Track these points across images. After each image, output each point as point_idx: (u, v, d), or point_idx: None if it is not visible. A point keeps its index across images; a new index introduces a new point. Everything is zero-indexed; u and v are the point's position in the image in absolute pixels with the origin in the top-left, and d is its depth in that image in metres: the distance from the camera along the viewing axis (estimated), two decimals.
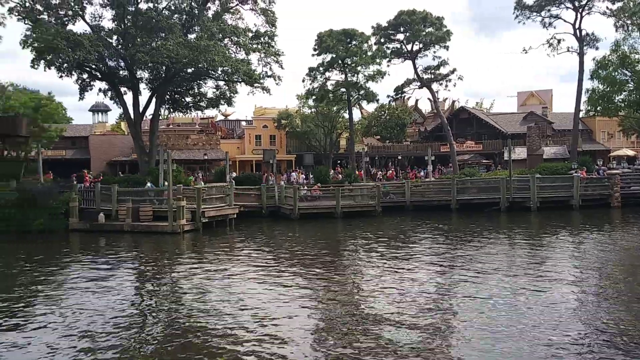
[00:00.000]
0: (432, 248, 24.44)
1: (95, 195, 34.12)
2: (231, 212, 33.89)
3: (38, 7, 39.13)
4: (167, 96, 45.14)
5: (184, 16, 42.42)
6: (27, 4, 38.85)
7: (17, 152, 37.67)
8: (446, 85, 53.49)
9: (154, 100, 43.73)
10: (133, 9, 40.28)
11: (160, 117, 48.01)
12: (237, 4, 44.50)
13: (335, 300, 15.38)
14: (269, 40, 45.01)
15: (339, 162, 62.86)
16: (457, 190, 39.92)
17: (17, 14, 38.36)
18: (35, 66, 37.29)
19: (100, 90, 43.99)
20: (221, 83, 44.95)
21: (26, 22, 38.48)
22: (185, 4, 41.97)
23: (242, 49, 43.92)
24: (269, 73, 44.38)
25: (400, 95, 56.74)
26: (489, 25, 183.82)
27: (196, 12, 42.10)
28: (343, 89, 51.12)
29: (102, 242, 28.68)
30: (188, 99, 46.43)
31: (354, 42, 50.36)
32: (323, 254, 23.53)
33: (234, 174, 46.43)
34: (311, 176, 49.28)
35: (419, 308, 14.33)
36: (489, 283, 16.95)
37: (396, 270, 19.46)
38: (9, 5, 38.68)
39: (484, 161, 60.38)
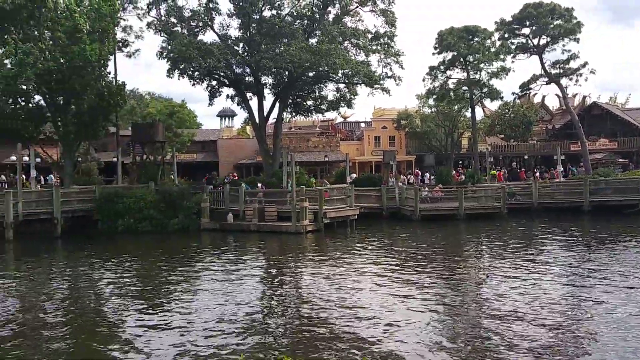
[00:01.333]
0: (561, 252, 23.17)
1: (224, 197, 35.88)
2: (352, 213, 34.25)
3: (172, 20, 41.98)
4: (290, 100, 46.51)
5: (306, 21, 43.54)
6: (163, 18, 41.78)
7: (155, 155, 40.64)
8: (577, 80, 50.29)
9: (277, 104, 45.29)
10: (257, 17, 41.97)
11: (283, 121, 49.55)
12: (356, 7, 44.95)
13: (458, 305, 15.07)
14: (389, 41, 45.01)
15: (460, 162, 61.36)
16: (590, 192, 37.50)
17: (154, 27, 41.38)
18: (170, 75, 40.01)
19: (227, 96, 46.33)
20: (341, 85, 45.60)
21: (162, 34, 41.38)
22: (306, 10, 43.05)
23: (362, 50, 44.29)
24: (389, 74, 44.43)
25: (526, 92, 54.33)
26: (623, 13, 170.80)
27: (317, 16, 43.06)
28: (465, 87, 49.84)
29: (231, 241, 30.16)
30: (309, 103, 47.53)
31: (476, 39, 48.93)
32: (444, 257, 23.13)
33: (354, 176, 46.84)
34: (432, 177, 48.54)
35: (547, 318, 13.66)
36: (629, 294, 15.77)
37: (522, 275, 18.66)
38: (147, 20, 41.95)
39: (619, 160, 56.14)
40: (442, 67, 50.21)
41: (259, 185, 38.47)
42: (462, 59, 49.00)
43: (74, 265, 23.70)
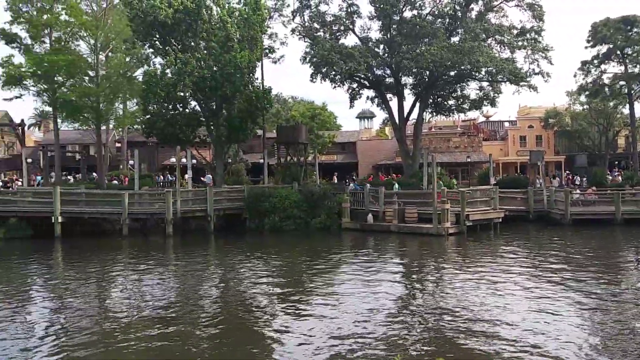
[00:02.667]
0: None
1: (364, 197, 36.29)
2: (496, 215, 33.06)
3: (315, 25, 43.25)
4: (430, 100, 45.92)
5: (447, 20, 42.76)
6: (307, 24, 43.20)
7: (298, 157, 42.13)
8: None
9: (417, 104, 44.93)
10: (398, 18, 41.94)
11: (423, 121, 49.03)
12: (501, 2, 43.33)
13: (610, 318, 13.99)
14: (536, 36, 42.85)
15: (616, 163, 56.75)
16: None
17: (298, 33, 42.93)
18: (313, 80, 41.22)
19: (367, 97, 46.82)
20: (485, 84, 44.17)
21: (305, 40, 42.80)
22: (448, 8, 42.28)
23: (506, 47, 42.62)
24: (536, 70, 42.28)
25: None
26: None
27: (459, 14, 42.11)
28: (622, 82, 46.05)
29: (371, 242, 30.43)
30: (450, 102, 46.58)
31: (635, 30, 45.06)
32: (598, 265, 21.55)
33: (497, 177, 45.15)
34: (584, 178, 45.42)
35: None
36: None
37: None
38: (292, 27, 43.63)
39: None
40: (595, 62, 46.92)
41: (395, 186, 38.36)
42: (618, 52, 45.39)
43: (225, 259, 25.31)
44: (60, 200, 33.81)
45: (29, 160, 43.60)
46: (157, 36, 37.99)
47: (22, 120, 47.05)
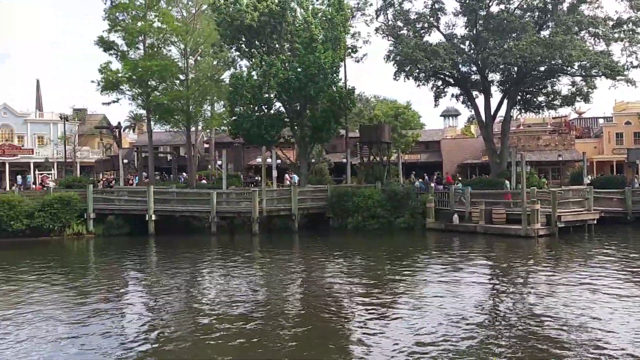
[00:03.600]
0: None
1: (449, 197, 35.61)
2: (590, 217, 31.49)
3: (399, 24, 42.87)
4: (519, 97, 44.37)
5: (537, 13, 41.17)
6: (390, 23, 42.91)
7: (381, 156, 41.94)
8: None
9: (505, 101, 43.55)
10: (485, 13, 40.81)
11: (511, 119, 47.45)
12: None
13: None
14: (634, 27, 40.36)
15: None
16: None
17: (381, 32, 42.72)
18: (397, 78, 40.89)
19: (452, 95, 45.83)
20: (577, 79, 42.13)
21: (389, 39, 42.52)
22: (538, 1, 40.68)
23: (601, 40, 40.43)
24: (635, 63, 39.85)
25: None
26: None
27: (549, 7, 40.42)
28: None
29: (456, 242, 29.81)
30: (540, 99, 44.76)
31: None
32: None
33: (591, 177, 42.95)
34: None
35: None
36: None
37: None
38: (375, 26, 43.49)
39: None
40: None
41: (506, 184, 37.22)
42: None
43: (309, 258, 25.62)
44: (154, 199, 35.43)
45: (125, 160, 46.02)
46: (243, 39, 38.99)
47: (119, 123, 49.77)
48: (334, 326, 14.26)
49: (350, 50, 42.92)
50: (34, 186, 49.11)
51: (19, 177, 52.17)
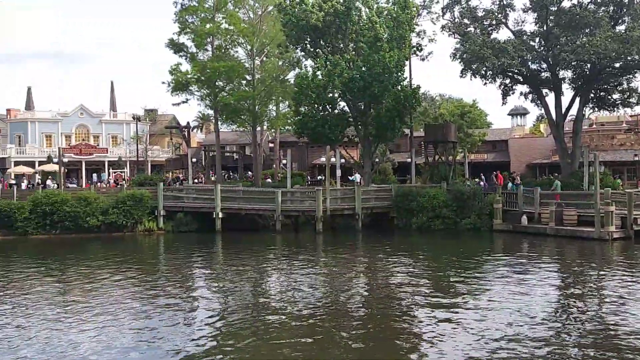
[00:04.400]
0: None
1: (517, 198, 34.70)
2: None
3: (465, 21, 42.10)
4: (591, 94, 42.70)
5: (611, 7, 39.48)
6: (457, 20, 42.22)
7: (447, 156, 41.34)
8: None
9: (577, 99, 42.02)
10: (556, 8, 39.50)
11: (584, 117, 45.71)
12: None
13: None
14: None
15: None
16: None
17: (448, 30, 42.08)
18: (463, 76, 40.18)
19: (521, 93, 44.61)
20: None
21: (455, 36, 41.84)
22: None
23: None
24: None
25: None
26: None
27: (625, 1, 38.69)
28: None
29: (525, 244, 29.04)
30: (615, 96, 42.92)
31: None
32: None
33: None
34: None
35: None
36: None
37: None
38: (441, 23, 42.88)
39: None
40: None
41: (557, 184, 36.07)
42: None
43: (372, 258, 25.60)
44: (221, 197, 36.29)
45: (194, 159, 47.35)
46: (308, 39, 39.31)
47: (188, 123, 51.22)
48: (398, 327, 14.21)
49: (415, 49, 42.46)
50: (105, 184, 51.26)
51: (94, 175, 54.60)
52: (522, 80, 42.69)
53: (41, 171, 51.68)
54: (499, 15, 42.04)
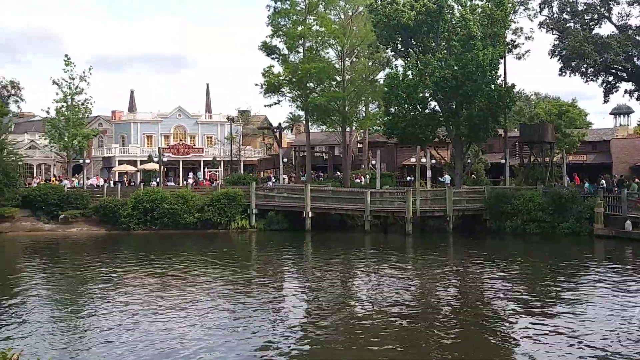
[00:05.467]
0: None
1: (621, 202, 32.77)
2: None
3: (565, 16, 40.32)
4: None
5: None
6: (555, 16, 40.50)
7: (543, 157, 39.70)
8: None
9: None
10: None
11: None
12: None
13: None
14: None
15: None
16: None
17: (545, 26, 40.46)
18: (562, 74, 38.52)
19: (625, 91, 42.17)
20: None
21: (554, 33, 40.14)
22: None
23: None
24: None
25: None
26: None
27: None
28: None
29: (628, 251, 27.38)
30: None
31: None
32: None
33: None
34: None
35: None
36: None
37: None
38: (539, 20, 41.29)
39: None
40: None
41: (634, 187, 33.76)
42: None
43: (463, 261, 25.04)
44: (311, 197, 36.79)
45: (285, 159, 48.28)
46: (399, 39, 38.99)
47: (279, 124, 52.25)
48: (490, 334, 13.83)
49: (510, 47, 41.10)
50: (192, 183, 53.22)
51: (190, 174, 56.90)
52: (626, 77, 40.35)
53: (142, 170, 54.49)
54: (602, 9, 39.97)
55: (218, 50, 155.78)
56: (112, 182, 50.19)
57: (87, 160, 52.12)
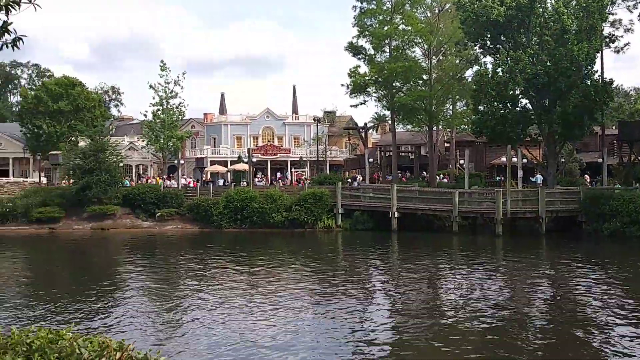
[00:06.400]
0: None
1: None
2: None
3: None
4: None
5: None
6: None
7: None
8: None
9: None
10: None
11: None
12: None
13: None
14: None
15: None
16: None
17: None
18: None
19: None
20: None
21: None
22: None
23: None
24: None
25: None
26: None
27: None
28: None
29: None
30: None
31: None
32: None
33: None
34: None
35: None
36: None
37: None
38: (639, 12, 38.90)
39: None
40: None
41: None
42: None
43: (557, 265, 24.13)
44: (396, 197, 36.65)
45: (370, 159, 48.35)
46: (488, 35, 38.02)
47: (365, 124, 52.39)
48: (584, 342, 13.28)
49: (608, 40, 39.04)
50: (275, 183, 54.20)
51: (277, 174, 58.14)
52: None
53: (232, 170, 56.28)
54: None
55: (304, 52, 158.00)
56: (204, 182, 52.14)
57: (182, 161, 54.46)
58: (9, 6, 4.77)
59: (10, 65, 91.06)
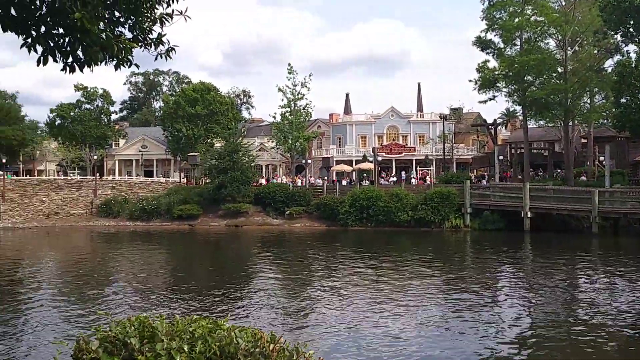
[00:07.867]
0: None
1: None
2: None
3: None
4: None
5: None
6: None
7: None
8: None
9: None
10: None
11: None
12: None
13: None
14: None
15: None
16: None
17: None
18: None
19: None
20: None
21: None
22: None
23: None
24: None
25: None
26: None
27: None
28: None
29: None
30: None
31: None
32: None
33: None
34: None
35: None
36: None
37: None
38: None
39: None
40: None
41: None
42: None
43: None
44: (529, 196, 35.04)
45: (500, 157, 46.64)
46: (631, 22, 35.25)
47: (494, 120, 50.58)
48: None
49: None
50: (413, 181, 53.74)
51: (402, 173, 57.80)
52: None
53: (358, 169, 56.78)
54: None
55: (429, 49, 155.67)
56: (332, 182, 53.09)
57: (309, 161, 55.85)
58: (163, 19, 5.20)
59: (153, 73, 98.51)
